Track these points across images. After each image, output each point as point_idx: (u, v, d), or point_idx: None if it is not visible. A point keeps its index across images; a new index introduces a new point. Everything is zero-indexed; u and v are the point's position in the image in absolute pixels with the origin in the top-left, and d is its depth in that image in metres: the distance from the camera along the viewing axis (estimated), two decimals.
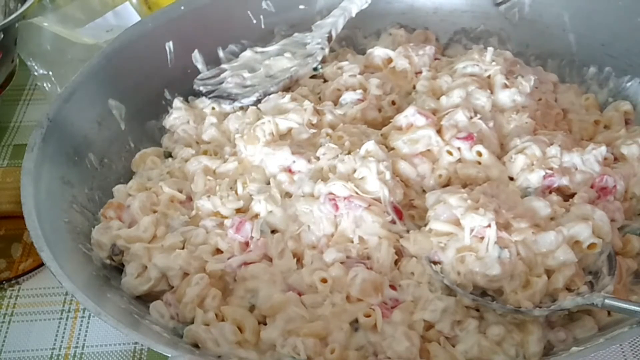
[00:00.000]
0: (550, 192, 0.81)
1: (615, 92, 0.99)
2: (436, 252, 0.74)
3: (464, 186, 0.81)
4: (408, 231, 0.78)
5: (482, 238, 0.72)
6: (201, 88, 1.03)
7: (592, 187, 0.82)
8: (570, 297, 0.70)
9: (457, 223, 0.74)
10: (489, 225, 0.72)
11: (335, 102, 0.96)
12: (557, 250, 0.72)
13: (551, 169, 0.81)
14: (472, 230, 0.72)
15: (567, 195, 0.81)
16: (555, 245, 0.72)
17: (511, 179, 0.82)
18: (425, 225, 0.77)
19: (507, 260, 0.71)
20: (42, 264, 0.79)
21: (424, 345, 0.70)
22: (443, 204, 0.76)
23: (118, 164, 0.94)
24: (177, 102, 1.00)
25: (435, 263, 0.74)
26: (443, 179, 0.83)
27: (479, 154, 0.83)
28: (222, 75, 1.04)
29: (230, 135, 0.94)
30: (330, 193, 0.78)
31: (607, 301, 0.67)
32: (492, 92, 0.92)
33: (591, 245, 0.73)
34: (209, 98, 1.01)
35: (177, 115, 0.98)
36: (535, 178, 0.80)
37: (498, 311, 0.71)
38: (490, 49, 0.98)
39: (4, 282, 0.88)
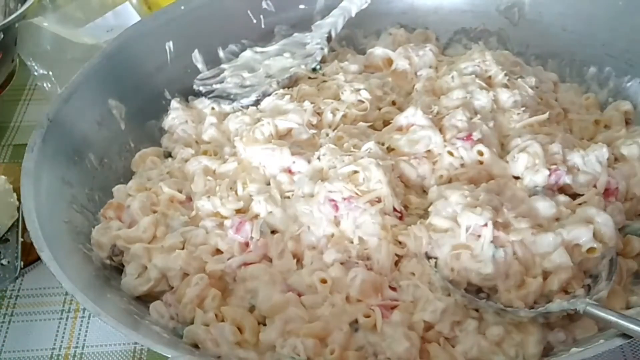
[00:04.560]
0: (559, 191, 0.81)
1: (616, 92, 0.99)
2: (433, 247, 0.74)
3: (470, 184, 0.81)
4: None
5: (479, 236, 0.72)
6: (201, 88, 1.03)
7: (594, 187, 0.81)
8: (558, 301, 0.70)
9: (456, 220, 0.74)
10: (486, 224, 0.72)
11: None
12: (553, 252, 0.72)
13: (555, 164, 0.81)
14: (468, 229, 0.73)
15: (571, 194, 0.81)
16: (553, 247, 0.72)
17: (516, 178, 0.82)
18: (426, 219, 0.77)
19: (502, 260, 0.71)
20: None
21: (424, 345, 0.70)
22: (444, 200, 0.76)
23: (118, 164, 0.94)
24: (175, 103, 1.00)
25: (431, 258, 0.75)
26: (444, 179, 0.83)
27: (480, 153, 0.83)
28: (221, 75, 1.04)
29: (230, 136, 0.94)
30: (330, 193, 0.78)
31: (588, 308, 0.67)
32: (492, 93, 0.92)
33: (590, 250, 0.73)
34: (209, 98, 1.01)
35: (175, 116, 0.99)
36: (540, 178, 0.80)
37: (488, 309, 0.71)
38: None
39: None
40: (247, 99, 0.99)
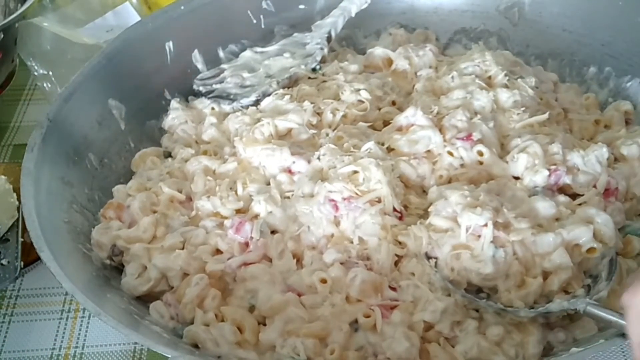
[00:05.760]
0: (559, 191, 0.81)
1: (616, 92, 1.00)
2: (433, 247, 0.74)
3: (470, 184, 0.81)
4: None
5: (479, 236, 0.72)
6: (201, 88, 1.03)
7: (594, 187, 0.81)
8: (558, 301, 0.70)
9: (456, 220, 0.74)
10: (486, 225, 0.72)
11: None
12: (553, 252, 0.72)
13: (555, 164, 0.81)
14: (468, 229, 0.73)
15: (571, 194, 0.81)
16: (553, 247, 0.72)
17: (516, 178, 0.82)
18: (426, 219, 0.77)
19: (502, 260, 0.72)
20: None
21: (424, 345, 0.70)
22: (444, 200, 0.77)
23: (118, 164, 0.94)
24: (174, 103, 1.00)
25: (431, 258, 0.75)
26: (444, 179, 0.83)
27: (480, 153, 0.83)
28: (221, 75, 1.04)
29: (230, 136, 0.94)
30: (330, 193, 0.78)
31: (589, 308, 0.67)
32: (492, 93, 0.91)
33: (590, 250, 0.73)
34: (209, 98, 1.01)
35: (175, 116, 0.99)
36: (540, 178, 0.80)
37: (488, 309, 0.71)
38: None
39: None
40: (247, 99, 0.99)
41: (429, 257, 0.75)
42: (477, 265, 0.72)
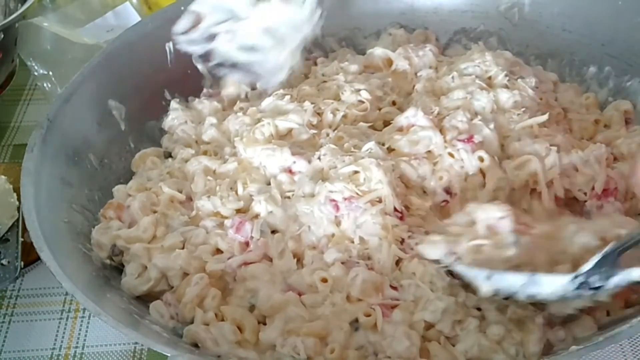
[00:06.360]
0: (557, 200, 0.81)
1: (615, 91, 0.99)
2: (451, 248, 0.71)
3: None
4: (409, 232, 0.78)
5: (498, 233, 0.70)
6: (190, 49, 0.91)
7: (592, 188, 0.81)
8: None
9: (473, 222, 0.72)
10: (504, 217, 0.70)
11: None
12: (576, 235, 0.69)
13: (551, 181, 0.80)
14: (485, 223, 0.71)
15: (570, 198, 0.81)
16: (577, 232, 0.69)
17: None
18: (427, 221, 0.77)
19: (525, 245, 0.69)
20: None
21: (424, 344, 0.70)
22: (461, 213, 0.75)
23: (118, 164, 0.94)
24: (174, 104, 1.00)
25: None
26: (444, 180, 0.83)
27: (481, 159, 0.83)
28: (203, 27, 0.88)
29: (230, 136, 0.93)
30: (331, 193, 0.77)
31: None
32: (492, 93, 0.91)
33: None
34: (213, 70, 0.91)
35: (175, 116, 0.99)
36: None
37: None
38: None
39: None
40: (275, 79, 0.90)
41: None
42: (499, 252, 0.69)
